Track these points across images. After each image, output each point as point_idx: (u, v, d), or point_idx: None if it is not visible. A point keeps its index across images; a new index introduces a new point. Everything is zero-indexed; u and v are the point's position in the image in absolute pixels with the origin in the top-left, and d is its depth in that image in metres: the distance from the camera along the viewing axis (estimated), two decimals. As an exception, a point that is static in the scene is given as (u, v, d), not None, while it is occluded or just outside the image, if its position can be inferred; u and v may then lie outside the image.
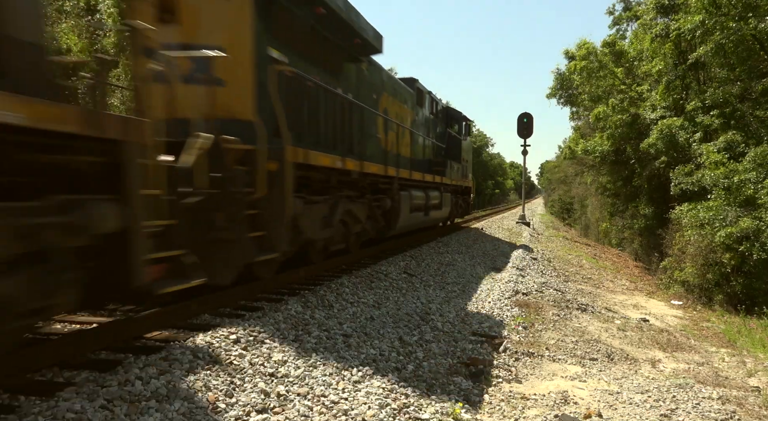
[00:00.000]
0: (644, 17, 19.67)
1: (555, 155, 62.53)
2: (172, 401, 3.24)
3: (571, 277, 13.00)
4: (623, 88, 22.55)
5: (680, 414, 4.35)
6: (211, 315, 5.15)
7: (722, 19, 14.21)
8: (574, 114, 31.17)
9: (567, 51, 26.63)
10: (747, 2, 13.71)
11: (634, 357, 6.64)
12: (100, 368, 3.59)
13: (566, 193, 48.37)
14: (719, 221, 13.00)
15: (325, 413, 3.59)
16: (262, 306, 5.56)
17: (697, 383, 5.46)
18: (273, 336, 4.68)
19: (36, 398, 3.11)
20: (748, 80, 15.62)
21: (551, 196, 63.39)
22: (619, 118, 20.55)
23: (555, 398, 4.63)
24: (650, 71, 20.03)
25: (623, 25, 24.75)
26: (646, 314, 10.21)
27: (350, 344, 5.01)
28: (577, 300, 9.38)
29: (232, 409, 3.34)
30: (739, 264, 12.74)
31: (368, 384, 4.22)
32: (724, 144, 14.78)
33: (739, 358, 7.82)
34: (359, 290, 7.06)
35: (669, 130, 16.93)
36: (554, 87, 28.40)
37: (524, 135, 23.32)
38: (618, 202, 25.24)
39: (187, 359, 3.84)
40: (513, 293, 8.87)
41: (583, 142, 23.67)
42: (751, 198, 12.86)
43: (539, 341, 6.53)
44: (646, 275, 18.51)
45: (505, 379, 5.04)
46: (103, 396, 3.11)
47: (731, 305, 12.68)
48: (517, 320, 7.24)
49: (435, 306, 7.30)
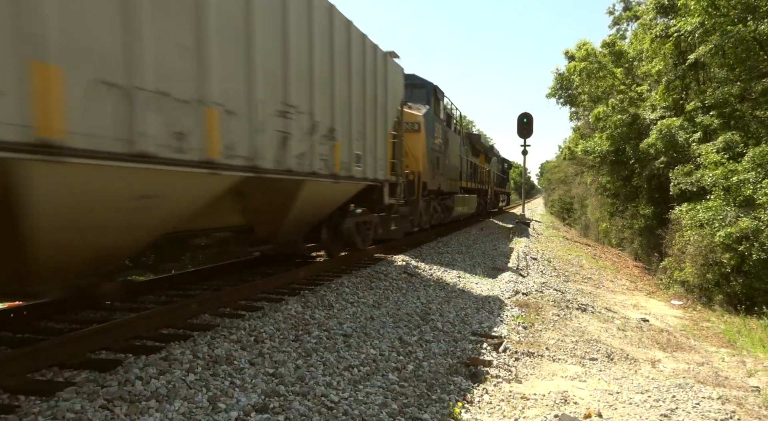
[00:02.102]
0: (644, 17, 19.69)
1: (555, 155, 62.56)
2: (172, 401, 3.24)
3: (571, 277, 13.00)
4: (623, 89, 22.56)
5: (680, 414, 4.35)
6: (212, 315, 5.15)
7: (721, 19, 14.22)
8: (574, 114, 31.18)
9: (567, 51, 26.65)
10: (746, 3, 13.71)
11: (634, 357, 6.64)
12: (100, 368, 3.59)
13: (566, 193, 48.39)
14: (719, 221, 13.01)
15: (326, 414, 3.60)
16: (262, 306, 5.56)
17: (697, 383, 5.46)
18: (273, 336, 4.69)
19: (36, 398, 3.11)
20: (748, 80, 15.63)
21: (551, 196, 63.39)
22: (619, 118, 20.56)
23: (555, 398, 4.63)
24: (650, 71, 20.03)
25: (623, 25, 24.76)
26: (646, 314, 10.22)
27: (350, 344, 5.02)
28: (577, 300, 9.38)
29: (232, 409, 3.34)
30: (739, 264, 12.74)
31: (368, 384, 4.22)
32: (723, 144, 14.79)
33: (739, 358, 7.83)
34: (359, 290, 7.06)
35: (668, 130, 16.93)
36: (554, 87, 28.40)
37: (524, 135, 23.33)
38: (618, 202, 25.25)
39: (187, 359, 3.84)
40: (513, 293, 8.87)
41: (583, 143, 23.67)
42: (750, 198, 12.87)
43: (539, 341, 6.53)
44: (646, 275, 18.52)
45: (505, 379, 5.04)
46: (103, 396, 3.11)
47: (731, 305, 12.68)
48: (517, 320, 7.24)
49: (435, 306, 7.30)
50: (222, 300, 5.49)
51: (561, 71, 27.59)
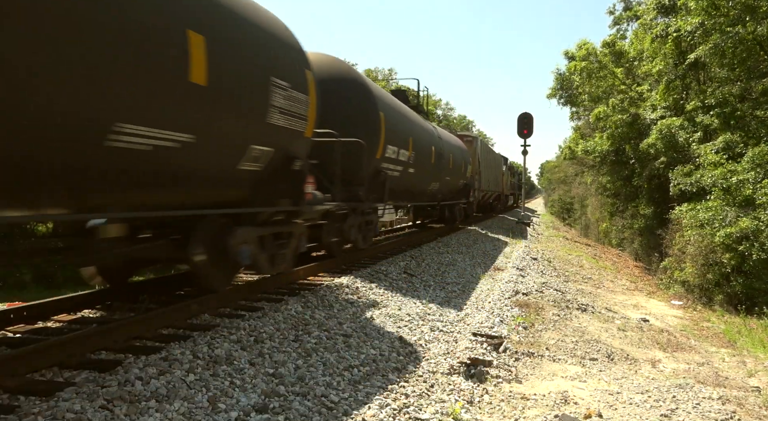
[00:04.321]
0: (644, 17, 19.68)
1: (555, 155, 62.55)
2: (172, 401, 3.24)
3: (571, 277, 12.99)
4: (623, 89, 22.56)
5: (680, 414, 4.35)
6: (212, 315, 5.15)
7: (721, 20, 14.21)
8: (574, 114, 31.19)
9: (567, 51, 26.66)
10: (746, 3, 13.70)
11: (634, 357, 6.64)
12: (100, 368, 3.59)
13: (566, 193, 48.41)
14: (719, 221, 13.01)
15: (326, 414, 3.59)
16: (262, 306, 5.56)
17: (697, 383, 5.46)
18: (273, 336, 4.68)
19: (36, 398, 3.11)
20: (748, 80, 15.62)
21: (551, 196, 63.41)
22: (619, 118, 20.56)
23: (555, 398, 4.63)
24: (650, 71, 20.04)
25: (623, 25, 24.76)
26: (646, 314, 10.21)
27: (350, 344, 5.02)
28: (577, 300, 9.37)
29: (232, 409, 3.34)
30: (739, 264, 12.74)
31: (368, 384, 4.22)
32: (723, 144, 14.78)
33: (739, 358, 7.83)
34: (359, 290, 7.06)
35: (669, 130, 16.93)
36: (554, 87, 28.43)
37: (524, 135, 23.34)
38: (618, 202, 25.26)
39: (187, 359, 3.84)
40: (513, 293, 8.87)
41: (583, 143, 23.69)
42: (750, 198, 12.86)
43: (539, 341, 6.53)
44: (646, 275, 18.52)
45: (505, 379, 5.03)
46: (103, 396, 3.11)
47: (731, 305, 12.68)
48: (517, 320, 7.23)
49: (435, 306, 7.30)
50: (222, 300, 5.48)
51: (561, 71, 27.61)
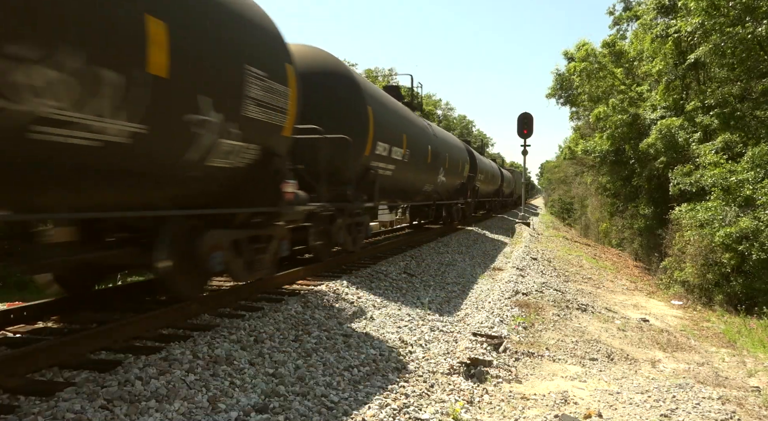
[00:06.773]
0: (644, 17, 19.68)
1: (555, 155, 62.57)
2: (172, 401, 3.24)
3: (571, 277, 13.00)
4: (623, 89, 22.55)
5: (680, 414, 4.35)
6: (211, 315, 5.15)
7: (721, 20, 14.20)
8: (574, 114, 31.20)
9: (566, 52, 26.65)
10: (745, 4, 13.69)
11: (634, 357, 6.64)
12: (100, 368, 3.59)
13: (566, 193, 48.41)
14: (718, 221, 13.00)
15: (325, 414, 3.59)
16: (262, 306, 5.56)
17: (697, 383, 5.46)
18: (273, 336, 4.68)
19: (36, 398, 3.11)
20: (748, 80, 15.62)
21: (551, 196, 63.41)
22: (619, 118, 20.55)
23: (555, 398, 4.63)
24: (650, 71, 20.03)
25: (623, 25, 24.75)
26: (646, 314, 10.21)
27: (350, 344, 5.02)
28: (577, 300, 9.37)
29: (232, 409, 3.34)
30: (739, 264, 12.73)
31: (368, 384, 4.22)
32: (722, 144, 14.78)
33: (739, 358, 7.83)
34: (359, 290, 7.06)
35: (668, 130, 16.93)
36: (554, 87, 28.42)
37: (524, 135, 23.35)
38: (618, 202, 25.26)
39: (187, 359, 3.84)
40: (513, 293, 8.87)
41: (583, 143, 23.68)
42: (749, 198, 12.86)
43: (539, 341, 6.53)
44: (646, 275, 18.52)
45: (505, 379, 5.03)
46: (103, 396, 3.11)
47: (731, 305, 12.67)
48: (517, 320, 7.23)
49: (435, 306, 7.30)
50: (222, 300, 5.48)
51: (561, 72, 27.61)
